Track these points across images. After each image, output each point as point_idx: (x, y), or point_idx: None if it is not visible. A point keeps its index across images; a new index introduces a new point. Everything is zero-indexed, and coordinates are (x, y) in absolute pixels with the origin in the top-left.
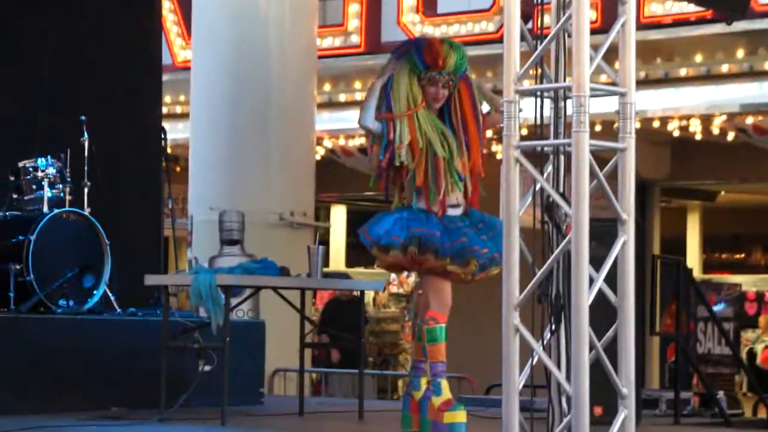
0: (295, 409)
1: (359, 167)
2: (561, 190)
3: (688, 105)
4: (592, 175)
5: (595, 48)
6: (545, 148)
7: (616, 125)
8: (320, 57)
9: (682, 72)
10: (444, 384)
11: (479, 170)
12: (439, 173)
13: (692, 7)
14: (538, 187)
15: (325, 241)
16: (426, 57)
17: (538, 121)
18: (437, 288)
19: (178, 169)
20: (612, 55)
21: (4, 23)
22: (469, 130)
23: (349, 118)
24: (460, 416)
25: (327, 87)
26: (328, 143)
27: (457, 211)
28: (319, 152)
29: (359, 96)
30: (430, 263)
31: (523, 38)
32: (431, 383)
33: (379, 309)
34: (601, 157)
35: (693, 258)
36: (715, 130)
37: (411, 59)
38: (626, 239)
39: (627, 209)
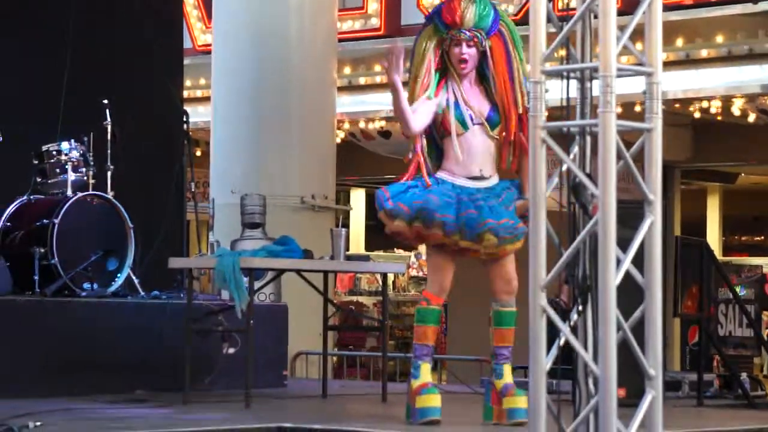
0: (318, 391)
1: (379, 150)
2: (587, 171)
3: (709, 86)
4: (619, 156)
5: (619, 29)
6: (571, 129)
7: (637, 107)
8: (340, 40)
9: (704, 53)
10: (424, 367)
11: (512, 137)
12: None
13: None
14: (564, 168)
15: (345, 225)
16: (445, 16)
17: (564, 102)
18: (436, 267)
19: (198, 152)
20: (635, 36)
21: (27, 7)
22: (498, 92)
23: (370, 101)
24: (431, 400)
25: (347, 70)
26: (348, 127)
27: (480, 183)
28: (339, 136)
29: (379, 79)
30: (439, 239)
31: (548, 19)
32: (412, 364)
33: (399, 292)
34: (624, 140)
35: (713, 240)
36: (736, 112)
37: (433, 23)
38: (653, 220)
39: (654, 190)
